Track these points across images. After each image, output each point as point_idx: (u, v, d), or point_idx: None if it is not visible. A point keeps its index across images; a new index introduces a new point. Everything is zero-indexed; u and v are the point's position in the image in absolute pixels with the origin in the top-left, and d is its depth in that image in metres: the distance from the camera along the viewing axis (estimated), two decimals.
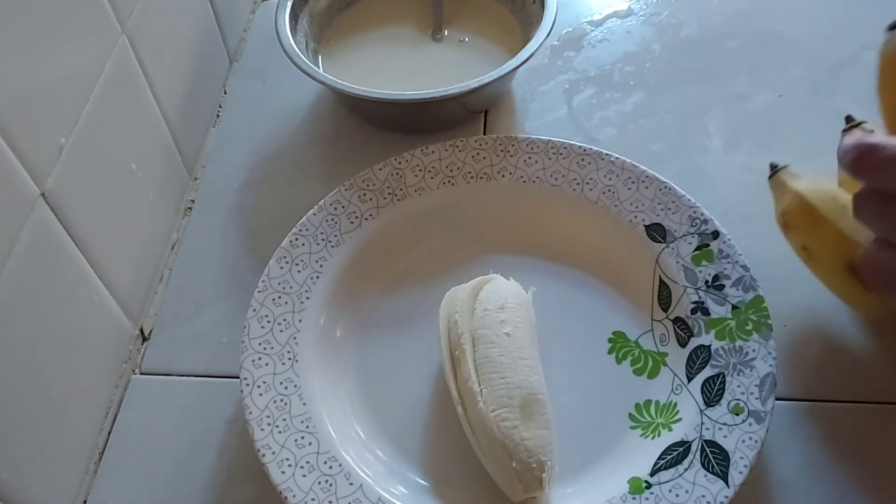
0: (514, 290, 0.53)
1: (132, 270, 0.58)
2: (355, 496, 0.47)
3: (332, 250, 0.57)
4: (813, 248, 0.52)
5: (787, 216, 0.53)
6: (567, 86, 0.71)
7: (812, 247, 0.52)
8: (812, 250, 0.52)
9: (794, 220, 0.52)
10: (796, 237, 0.53)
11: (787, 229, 0.53)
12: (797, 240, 0.53)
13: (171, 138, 0.63)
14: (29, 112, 0.46)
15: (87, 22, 0.52)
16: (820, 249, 0.52)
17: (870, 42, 0.71)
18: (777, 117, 0.67)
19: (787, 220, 0.53)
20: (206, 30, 0.70)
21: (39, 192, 0.47)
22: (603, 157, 0.60)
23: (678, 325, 0.54)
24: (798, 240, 0.53)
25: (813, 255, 0.52)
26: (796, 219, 0.52)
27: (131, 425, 0.55)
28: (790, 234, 0.53)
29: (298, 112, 0.71)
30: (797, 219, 0.52)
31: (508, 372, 0.49)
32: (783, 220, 0.53)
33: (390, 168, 0.61)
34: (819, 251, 0.52)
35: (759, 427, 0.47)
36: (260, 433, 0.49)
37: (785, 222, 0.53)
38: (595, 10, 0.77)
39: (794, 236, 0.53)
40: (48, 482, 0.48)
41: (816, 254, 0.52)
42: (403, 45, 0.72)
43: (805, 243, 0.52)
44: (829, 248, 0.51)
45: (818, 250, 0.52)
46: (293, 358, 0.52)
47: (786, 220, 0.53)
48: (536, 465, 0.46)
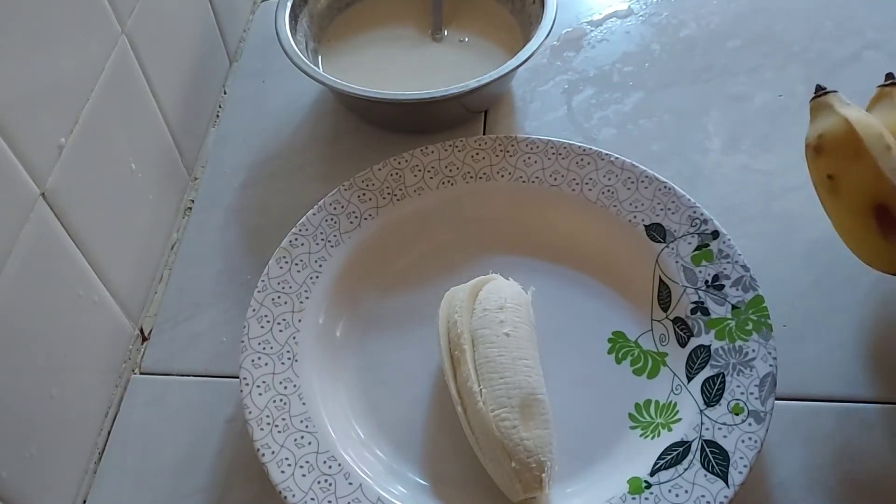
0: (513, 290, 0.53)
1: (132, 270, 0.58)
2: (355, 496, 0.47)
3: (331, 250, 0.57)
4: (841, 180, 0.49)
5: (823, 140, 0.50)
6: (566, 86, 0.71)
7: (841, 178, 0.49)
8: (839, 181, 0.49)
9: (831, 146, 0.49)
10: (825, 164, 0.50)
11: (818, 154, 0.50)
12: (825, 167, 0.50)
13: (171, 138, 0.63)
14: (29, 112, 0.46)
15: (87, 22, 0.52)
16: (850, 182, 0.49)
17: (870, 42, 0.71)
18: (777, 117, 0.67)
19: (822, 143, 0.50)
20: (205, 30, 0.70)
21: (39, 192, 0.47)
22: (602, 158, 0.60)
23: (678, 325, 0.54)
24: (826, 168, 0.50)
25: (839, 186, 0.49)
26: (834, 145, 0.49)
27: (131, 425, 0.55)
28: (819, 160, 0.50)
29: (298, 112, 0.71)
30: (835, 145, 0.49)
31: (508, 372, 0.49)
32: (817, 142, 0.50)
33: (390, 168, 0.61)
34: (848, 184, 0.49)
35: (759, 427, 0.47)
36: (259, 433, 0.49)
37: (818, 146, 0.50)
38: (595, 11, 0.77)
39: (822, 163, 0.50)
40: (48, 482, 0.48)
41: (844, 186, 0.49)
42: (403, 45, 0.72)
43: (834, 172, 0.50)
44: (861, 183, 0.48)
45: (847, 182, 0.49)
46: (293, 358, 0.52)
47: (820, 143, 0.50)
48: (536, 465, 0.46)
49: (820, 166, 0.50)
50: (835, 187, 0.50)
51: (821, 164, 0.50)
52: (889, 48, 0.70)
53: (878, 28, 0.72)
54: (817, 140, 0.50)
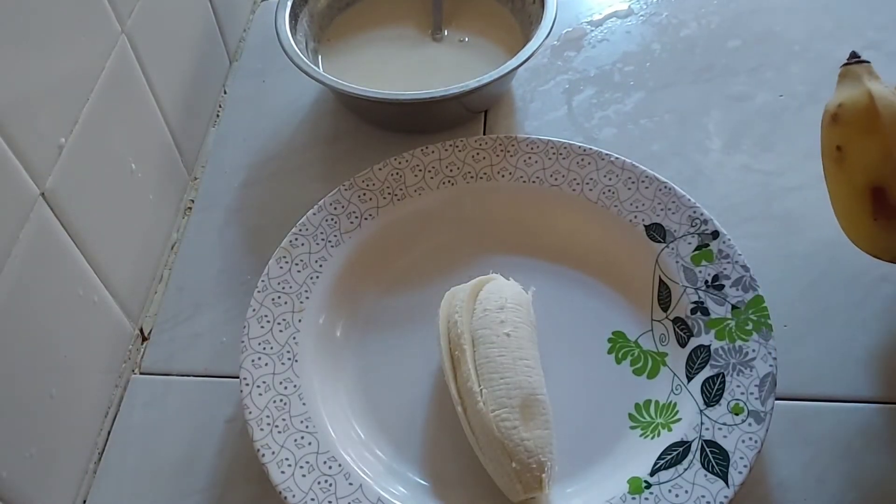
0: (513, 290, 0.53)
1: (132, 270, 0.58)
2: (355, 496, 0.47)
3: (331, 250, 0.57)
4: (849, 153, 0.49)
5: (842, 109, 0.49)
6: (567, 86, 0.71)
7: (849, 150, 0.49)
8: (847, 153, 0.49)
9: (848, 117, 0.49)
10: (838, 134, 0.50)
11: (834, 122, 0.50)
12: (836, 137, 0.50)
13: (171, 138, 0.63)
14: (29, 112, 0.46)
15: (87, 22, 0.52)
16: (857, 157, 0.49)
17: (870, 42, 0.71)
18: (777, 117, 0.67)
19: (839, 112, 0.50)
20: (205, 30, 0.70)
21: (39, 192, 0.47)
22: (603, 158, 0.60)
23: (678, 325, 0.54)
24: (837, 137, 0.50)
25: (844, 159, 0.49)
26: (851, 116, 0.49)
27: (131, 425, 0.55)
28: (833, 128, 0.50)
29: (298, 112, 0.71)
30: (852, 116, 0.49)
31: (508, 372, 0.49)
32: (836, 110, 0.50)
33: (390, 168, 0.61)
34: (854, 158, 0.49)
35: (759, 427, 0.47)
36: (259, 433, 0.49)
37: (836, 114, 0.50)
38: (595, 10, 0.77)
39: (835, 132, 0.50)
40: (48, 482, 0.48)
41: (849, 159, 0.49)
42: (403, 45, 0.72)
43: (843, 144, 0.49)
44: (867, 160, 0.48)
45: (854, 156, 0.49)
46: (293, 358, 0.52)
47: (838, 112, 0.50)
48: (536, 465, 0.46)
49: (832, 135, 0.50)
50: (841, 158, 0.49)
51: (834, 133, 0.50)
52: (889, 48, 0.70)
53: (878, 28, 0.72)
54: (836, 108, 0.50)
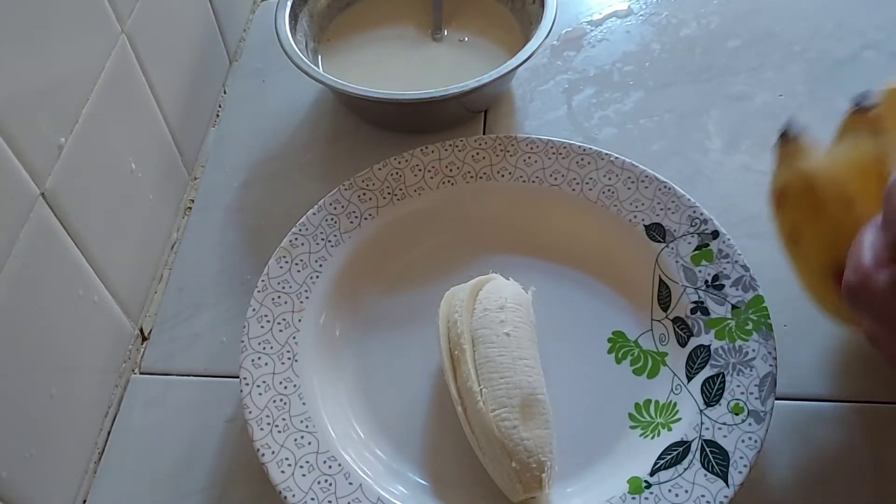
0: (513, 289, 0.53)
1: (132, 270, 0.58)
2: (355, 496, 0.47)
3: (331, 250, 0.57)
4: (801, 237, 0.48)
5: (786, 191, 0.48)
6: (567, 85, 0.71)
7: (802, 234, 0.48)
8: (800, 239, 0.48)
9: (793, 201, 0.48)
10: (788, 218, 0.48)
11: (781, 206, 0.48)
12: (787, 221, 0.48)
13: (171, 138, 0.63)
14: (29, 112, 0.46)
15: (87, 22, 0.52)
16: (809, 241, 0.47)
17: (870, 42, 0.71)
18: (777, 117, 0.66)
19: (784, 195, 0.48)
20: (205, 30, 0.70)
21: (39, 191, 0.47)
22: (602, 157, 0.60)
23: (678, 324, 0.54)
24: (788, 222, 0.48)
25: (799, 244, 0.48)
26: (795, 199, 0.47)
27: (131, 425, 0.55)
28: (782, 212, 0.49)
29: (298, 112, 0.71)
30: (796, 200, 0.47)
31: (508, 372, 0.49)
32: (781, 193, 0.48)
33: (390, 168, 0.61)
34: (807, 242, 0.47)
35: (759, 427, 0.47)
36: (259, 433, 0.49)
37: (780, 198, 0.48)
38: (595, 10, 0.77)
39: (785, 216, 0.48)
40: (48, 482, 0.48)
41: (804, 244, 0.48)
42: (403, 45, 0.72)
43: (795, 228, 0.48)
44: (819, 243, 0.47)
45: (807, 241, 0.47)
46: (293, 357, 0.52)
47: (783, 195, 0.48)
48: (536, 465, 0.46)
49: (783, 220, 0.49)
50: (796, 243, 0.48)
51: (784, 218, 0.49)
52: (889, 48, 0.70)
53: (878, 28, 0.72)
54: (779, 192, 0.49)
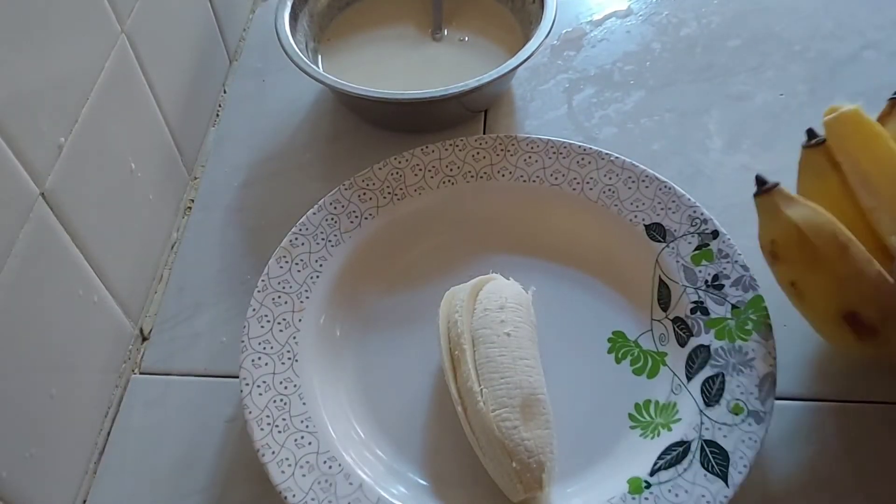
0: (513, 289, 0.53)
1: (132, 270, 0.58)
2: (355, 496, 0.47)
3: (331, 250, 0.57)
4: (804, 289, 0.47)
5: (777, 247, 0.48)
6: (567, 85, 0.71)
7: (803, 287, 0.47)
8: (803, 290, 0.47)
9: (786, 254, 0.47)
10: (785, 272, 0.48)
11: (775, 261, 0.48)
12: (785, 275, 0.48)
13: (171, 138, 0.63)
14: (29, 112, 0.46)
15: (87, 22, 0.52)
16: (813, 292, 0.47)
17: (870, 42, 0.71)
18: (777, 117, 0.67)
19: (776, 251, 0.48)
20: (205, 29, 0.70)
21: (39, 191, 0.47)
22: (603, 157, 0.60)
23: (678, 324, 0.54)
24: (787, 275, 0.48)
25: (804, 295, 0.48)
26: (789, 253, 0.47)
27: (131, 425, 0.55)
28: (778, 267, 0.48)
29: (298, 112, 0.71)
30: (790, 253, 0.47)
31: (508, 372, 0.48)
32: (771, 249, 0.48)
33: (390, 167, 0.61)
34: (812, 294, 0.47)
35: (759, 427, 0.47)
36: (260, 433, 0.49)
37: (773, 252, 0.48)
38: (595, 10, 0.77)
39: (782, 270, 0.48)
40: (48, 482, 0.48)
41: (808, 296, 0.47)
42: (403, 44, 0.72)
43: (795, 281, 0.48)
44: (825, 292, 0.47)
45: (811, 293, 0.47)
46: (293, 357, 0.52)
47: (774, 250, 0.48)
48: (536, 465, 0.46)
49: (781, 272, 0.49)
50: (800, 295, 0.48)
51: (781, 271, 0.49)
52: (889, 48, 0.70)
53: (878, 28, 0.72)
54: (771, 246, 0.48)
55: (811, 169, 0.50)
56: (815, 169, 0.50)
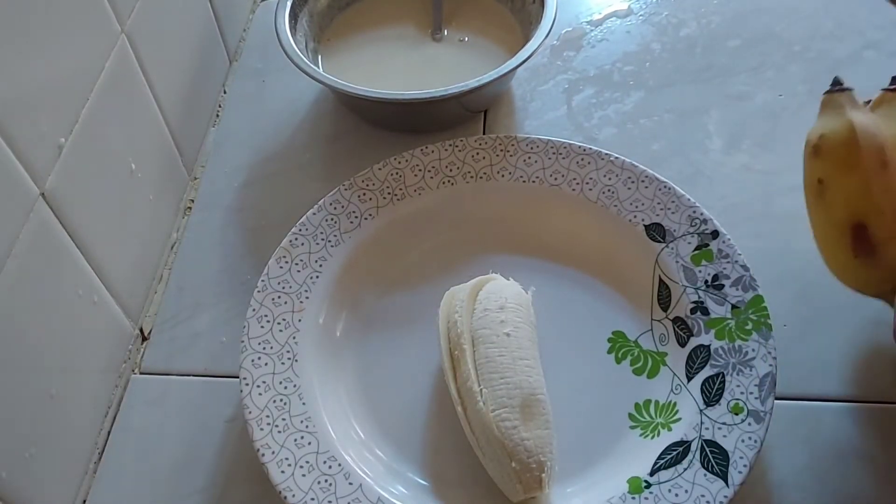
0: (513, 289, 0.53)
1: (132, 270, 0.58)
2: (355, 496, 0.47)
3: (331, 250, 0.57)
4: (830, 187, 0.48)
5: (824, 141, 0.48)
6: (567, 85, 0.71)
7: (830, 185, 0.48)
8: (828, 188, 0.48)
9: (829, 150, 0.48)
10: (819, 167, 0.49)
11: (816, 154, 0.49)
12: (818, 170, 0.49)
13: (171, 138, 0.63)
14: (29, 112, 0.46)
15: (87, 22, 0.52)
16: (837, 192, 0.48)
17: (870, 42, 0.71)
18: (777, 117, 0.67)
19: (821, 144, 0.48)
20: (205, 29, 0.70)
21: (39, 192, 0.47)
22: (602, 157, 0.60)
23: (678, 324, 0.54)
24: (819, 170, 0.49)
25: (825, 193, 0.48)
26: (832, 149, 0.48)
27: (131, 425, 0.55)
28: (815, 161, 0.49)
29: (298, 112, 0.71)
30: (833, 150, 0.48)
31: (508, 372, 0.49)
32: (817, 143, 0.49)
33: (390, 168, 0.61)
34: (834, 194, 0.48)
35: (759, 427, 0.47)
36: (259, 433, 0.49)
37: (817, 146, 0.49)
38: (595, 10, 0.77)
39: (817, 164, 0.49)
40: (48, 482, 0.48)
41: (830, 194, 0.48)
42: (403, 44, 0.72)
43: (824, 177, 0.48)
44: (848, 195, 0.47)
45: (835, 191, 0.48)
46: (293, 358, 0.52)
47: (820, 144, 0.48)
48: (536, 465, 0.46)
49: (814, 168, 0.49)
50: (822, 192, 0.49)
51: (815, 166, 0.49)
52: (889, 48, 0.70)
53: (878, 28, 0.72)
54: (817, 140, 0.49)
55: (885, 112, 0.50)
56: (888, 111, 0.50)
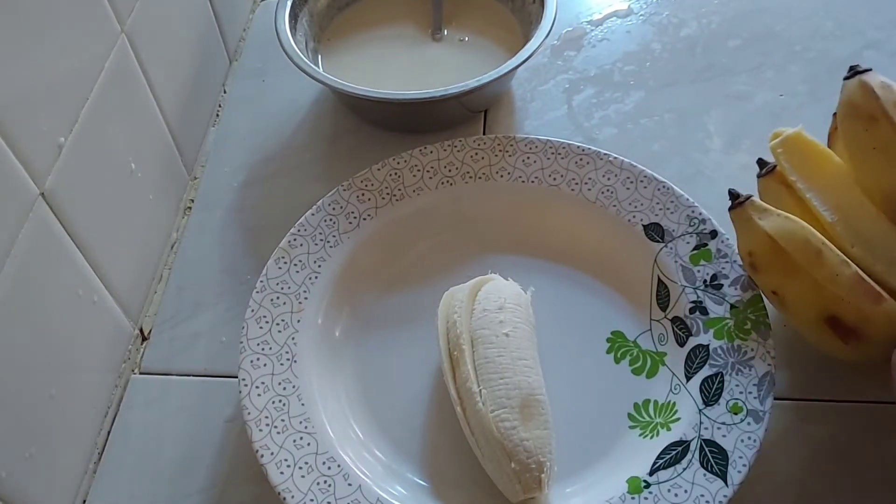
0: (512, 290, 0.53)
1: (132, 270, 0.58)
2: (354, 496, 0.47)
3: (330, 250, 0.57)
4: (785, 297, 0.48)
5: (755, 258, 0.49)
6: (567, 85, 0.71)
7: (784, 294, 0.48)
8: (784, 298, 0.49)
9: (764, 265, 0.49)
10: (766, 282, 0.50)
11: (755, 272, 0.50)
12: (767, 285, 0.50)
13: (171, 138, 0.64)
14: (29, 112, 0.46)
15: (87, 21, 0.52)
16: (794, 299, 0.48)
17: (870, 42, 0.71)
18: (777, 117, 0.67)
19: (754, 262, 0.49)
20: (205, 29, 0.70)
21: (39, 191, 0.47)
22: (601, 157, 0.60)
23: (676, 324, 0.54)
24: (768, 285, 0.49)
25: (785, 303, 0.49)
26: (766, 263, 0.49)
27: (131, 425, 0.55)
28: (759, 276, 0.50)
29: (298, 112, 0.71)
30: (767, 263, 0.49)
31: (507, 372, 0.49)
32: (750, 260, 0.50)
33: (389, 168, 0.61)
34: (793, 301, 0.48)
35: (758, 426, 0.47)
36: (258, 434, 0.49)
37: (752, 264, 0.50)
38: (595, 10, 0.77)
39: (762, 279, 0.50)
40: (48, 482, 0.49)
41: (789, 303, 0.48)
42: (403, 44, 0.72)
43: (776, 289, 0.49)
44: (804, 298, 0.47)
45: (792, 300, 0.48)
46: (291, 358, 0.52)
47: (753, 261, 0.49)
48: (535, 465, 0.46)
49: (762, 282, 0.50)
50: (782, 301, 0.49)
51: (762, 281, 0.50)
52: (889, 48, 0.70)
53: (878, 28, 0.72)
54: (750, 258, 0.50)
55: (770, 197, 0.52)
56: (773, 196, 0.52)
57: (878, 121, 0.48)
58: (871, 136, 0.48)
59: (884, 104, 0.48)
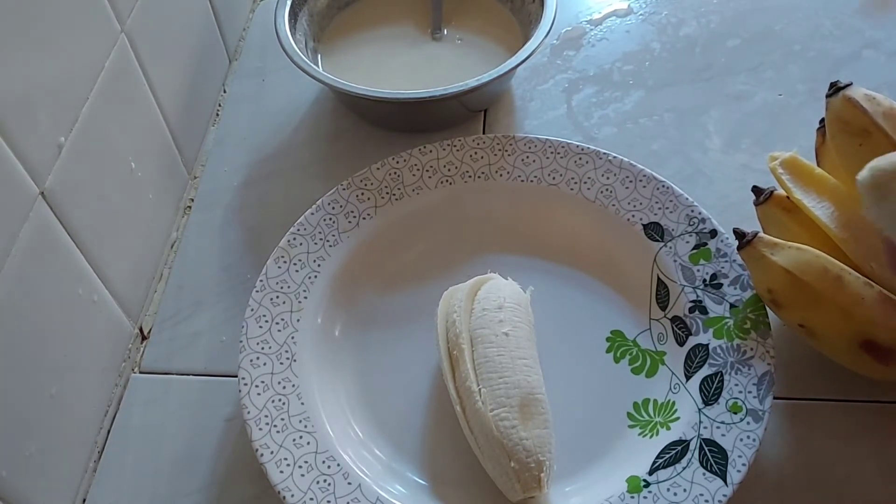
0: (512, 289, 0.53)
1: (132, 269, 0.58)
2: (353, 496, 0.47)
3: (329, 250, 0.57)
4: (814, 328, 0.48)
5: (775, 295, 0.48)
6: (566, 85, 0.71)
7: (813, 326, 0.48)
8: (814, 329, 0.48)
9: (786, 300, 0.48)
10: (790, 316, 0.49)
11: (778, 308, 0.49)
12: (792, 319, 0.49)
13: (171, 137, 0.64)
14: (28, 111, 0.46)
15: (87, 21, 0.52)
16: (824, 330, 0.47)
17: (870, 41, 0.71)
18: (776, 116, 0.67)
19: (775, 298, 0.49)
20: (205, 29, 0.70)
21: (39, 191, 0.47)
22: (601, 157, 0.60)
23: (676, 323, 0.54)
24: (793, 319, 0.49)
25: (815, 334, 0.48)
26: (788, 298, 0.48)
27: (131, 424, 0.55)
28: (783, 312, 0.49)
29: (297, 111, 0.71)
30: (789, 298, 0.48)
31: (507, 371, 0.49)
32: (770, 297, 0.49)
33: (388, 167, 0.61)
34: (823, 331, 0.48)
35: (758, 426, 0.47)
36: (258, 433, 0.49)
37: (773, 300, 0.49)
38: (594, 9, 0.77)
39: (787, 315, 0.49)
40: (48, 481, 0.49)
41: (819, 334, 0.48)
42: (403, 44, 0.72)
43: (802, 322, 0.48)
44: (834, 327, 0.47)
45: (821, 331, 0.48)
46: (291, 357, 0.52)
47: (774, 298, 0.49)
48: (535, 464, 0.46)
49: (787, 318, 0.49)
50: (812, 333, 0.48)
51: (786, 316, 0.49)
52: (889, 48, 0.70)
53: (878, 28, 0.72)
54: (769, 295, 0.49)
55: (771, 223, 0.52)
56: (774, 222, 0.51)
57: (872, 134, 0.48)
58: (868, 151, 0.47)
59: (873, 117, 0.47)
